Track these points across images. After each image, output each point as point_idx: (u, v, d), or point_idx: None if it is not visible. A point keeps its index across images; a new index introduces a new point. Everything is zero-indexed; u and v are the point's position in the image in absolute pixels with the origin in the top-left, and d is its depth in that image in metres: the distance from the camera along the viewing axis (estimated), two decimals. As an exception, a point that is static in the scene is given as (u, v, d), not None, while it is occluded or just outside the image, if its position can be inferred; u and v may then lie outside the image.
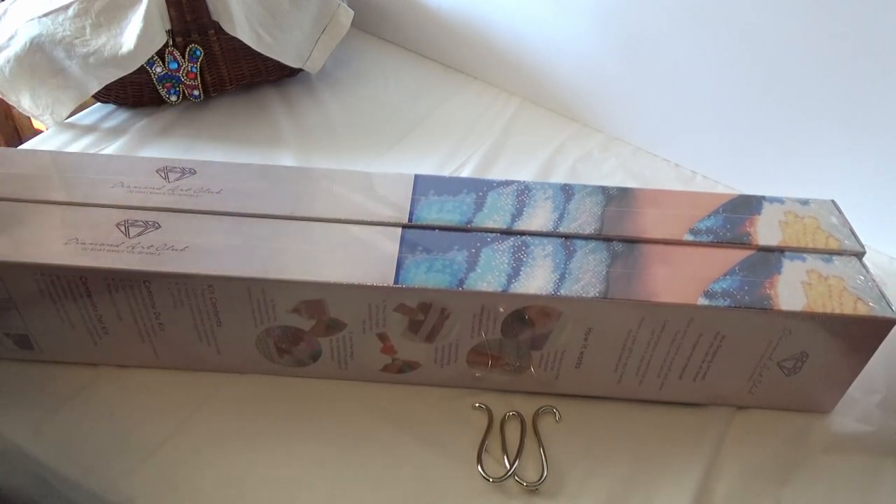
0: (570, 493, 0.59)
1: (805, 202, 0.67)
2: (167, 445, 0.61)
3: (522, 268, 0.58)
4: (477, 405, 0.65)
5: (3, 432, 0.62)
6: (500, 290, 0.56)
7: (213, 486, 0.59)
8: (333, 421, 0.63)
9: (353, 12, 1.04)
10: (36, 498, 0.61)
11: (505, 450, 0.62)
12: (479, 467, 0.60)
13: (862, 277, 0.59)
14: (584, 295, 0.56)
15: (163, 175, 0.66)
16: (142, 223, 0.60)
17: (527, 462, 0.61)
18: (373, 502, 0.58)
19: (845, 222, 0.65)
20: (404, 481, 0.60)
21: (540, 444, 0.62)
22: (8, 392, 0.64)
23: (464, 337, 0.60)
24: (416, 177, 0.67)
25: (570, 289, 0.57)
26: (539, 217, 0.63)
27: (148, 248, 0.58)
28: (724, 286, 0.57)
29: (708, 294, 0.57)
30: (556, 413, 0.64)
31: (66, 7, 0.88)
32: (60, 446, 0.60)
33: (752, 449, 0.63)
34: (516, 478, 0.59)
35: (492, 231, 0.62)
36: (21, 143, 1.08)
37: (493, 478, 0.59)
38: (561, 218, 0.63)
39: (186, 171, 0.67)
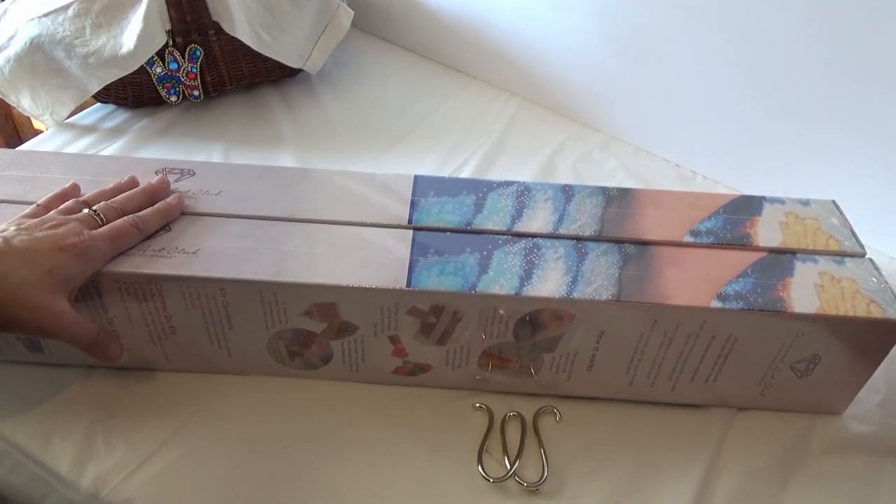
0: (570, 494, 0.59)
1: (806, 203, 0.67)
2: (167, 445, 0.61)
3: (535, 270, 0.58)
4: (477, 405, 0.65)
5: (4, 433, 0.61)
6: (512, 292, 0.56)
7: (213, 487, 0.59)
8: (333, 421, 0.63)
9: (353, 12, 1.04)
10: (36, 498, 0.61)
11: (505, 450, 0.62)
12: (480, 467, 0.60)
13: (875, 279, 0.59)
14: (596, 298, 0.56)
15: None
16: None
17: (527, 462, 0.61)
18: (373, 502, 0.58)
19: (846, 223, 0.65)
20: (404, 481, 0.60)
21: (540, 444, 0.62)
22: (10, 393, 0.64)
23: (476, 339, 0.60)
24: (416, 177, 0.67)
25: (583, 291, 0.57)
26: (539, 218, 0.64)
27: (159, 250, 0.58)
28: (737, 288, 0.58)
29: (721, 296, 0.57)
30: (557, 413, 0.64)
31: (66, 7, 0.87)
32: (61, 447, 0.60)
33: (753, 449, 0.63)
34: (517, 478, 0.59)
35: (492, 233, 0.62)
36: (21, 143, 1.07)
37: (493, 478, 0.59)
38: (561, 219, 0.64)
39: (185, 172, 0.66)
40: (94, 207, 0.59)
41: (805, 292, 0.58)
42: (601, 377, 0.63)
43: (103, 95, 0.97)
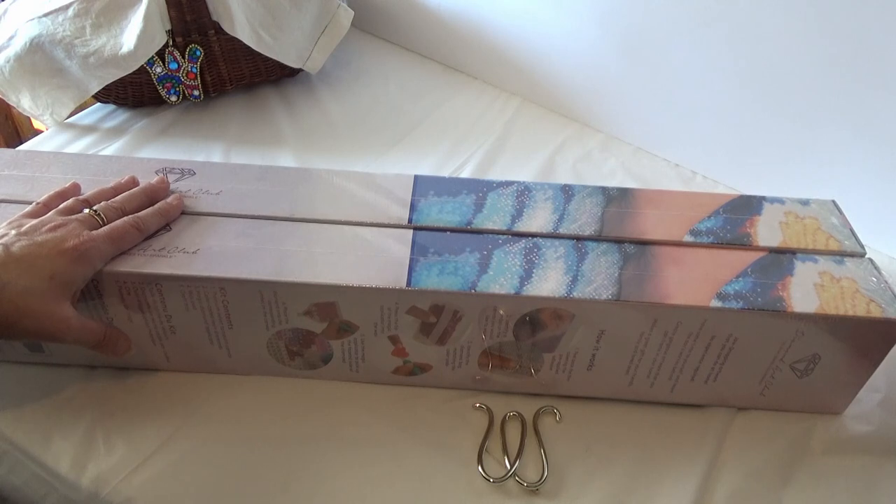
0: (570, 494, 0.59)
1: (805, 202, 0.67)
2: (167, 445, 0.61)
3: (535, 270, 0.58)
4: (477, 405, 0.65)
5: (4, 433, 0.61)
6: (512, 292, 0.56)
7: (213, 487, 0.59)
8: (333, 421, 0.63)
9: (353, 12, 1.04)
10: (36, 498, 0.61)
11: (505, 450, 0.62)
12: (480, 468, 0.60)
13: (874, 279, 0.59)
14: (596, 297, 0.56)
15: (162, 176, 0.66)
16: None
17: (527, 462, 0.61)
18: (373, 502, 0.58)
19: (846, 223, 0.65)
20: (404, 482, 0.60)
21: (540, 444, 0.62)
22: (10, 393, 0.64)
23: (476, 339, 0.60)
24: (416, 177, 0.67)
25: (583, 291, 0.57)
26: (539, 218, 0.64)
27: (159, 250, 0.58)
28: (737, 288, 0.58)
29: (721, 296, 0.57)
30: (557, 413, 0.64)
31: (66, 7, 0.87)
32: (61, 447, 0.60)
33: (753, 449, 0.63)
34: (517, 478, 0.59)
35: (492, 232, 0.62)
36: (21, 143, 1.08)
37: (493, 478, 0.59)
38: (561, 219, 0.64)
39: (186, 172, 0.66)
40: (94, 207, 0.58)
41: (805, 292, 0.58)
42: (601, 377, 0.63)
43: (103, 95, 0.97)
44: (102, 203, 0.59)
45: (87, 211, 0.58)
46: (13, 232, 0.54)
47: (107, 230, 0.56)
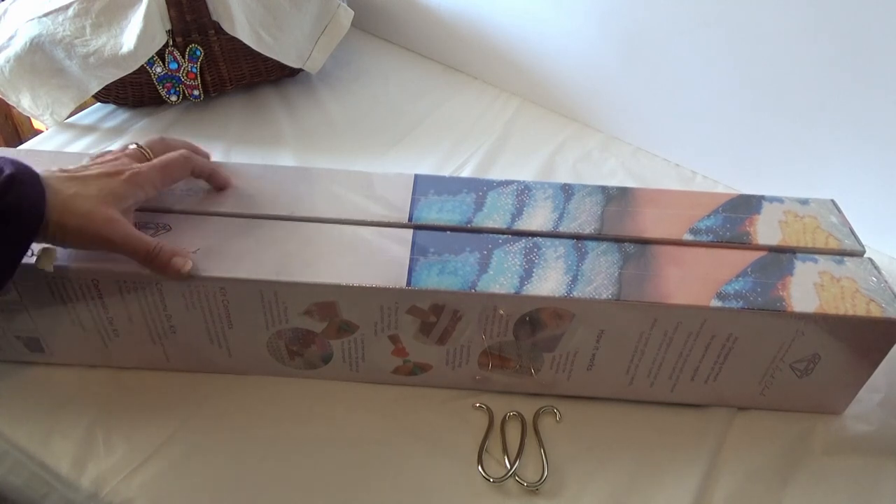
0: (570, 494, 0.59)
1: (805, 202, 0.67)
2: (167, 445, 0.61)
3: (535, 269, 0.58)
4: (477, 405, 0.65)
5: (4, 433, 0.61)
6: (512, 291, 0.56)
7: (213, 487, 0.59)
8: (333, 421, 0.63)
9: (353, 12, 1.04)
10: (36, 498, 0.61)
11: (505, 450, 0.62)
12: (480, 467, 0.60)
13: (874, 279, 0.59)
14: (596, 297, 0.56)
15: None
16: (153, 225, 0.60)
17: (527, 462, 0.61)
18: (372, 502, 0.58)
19: (845, 222, 0.65)
20: (404, 481, 0.60)
21: (540, 444, 0.62)
22: (10, 393, 0.64)
23: (476, 339, 0.60)
24: (416, 177, 0.67)
25: (583, 290, 0.57)
26: (539, 217, 0.64)
27: None
28: (737, 288, 0.58)
29: (720, 296, 0.57)
30: (557, 413, 0.64)
31: (66, 7, 0.87)
32: (61, 447, 0.60)
33: (753, 449, 0.63)
34: (517, 478, 0.59)
35: (492, 231, 0.62)
36: (21, 143, 1.08)
37: (493, 478, 0.59)
38: (561, 218, 0.64)
39: None
40: (141, 143, 0.61)
41: (805, 291, 0.58)
42: (601, 377, 0.63)
43: (103, 95, 0.97)
44: (149, 139, 0.61)
45: (133, 146, 0.60)
46: (71, 166, 0.56)
47: (156, 160, 0.59)
